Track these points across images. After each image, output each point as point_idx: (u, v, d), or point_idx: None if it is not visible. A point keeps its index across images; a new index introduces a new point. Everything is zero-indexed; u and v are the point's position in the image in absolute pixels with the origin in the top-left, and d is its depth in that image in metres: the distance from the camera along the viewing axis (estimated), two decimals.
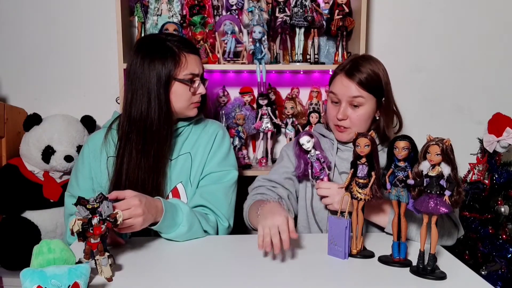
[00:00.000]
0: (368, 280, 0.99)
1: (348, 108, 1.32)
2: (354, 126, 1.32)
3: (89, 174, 1.35)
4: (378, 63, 1.36)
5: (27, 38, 2.04)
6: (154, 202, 1.15)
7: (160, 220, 1.14)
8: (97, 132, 1.45)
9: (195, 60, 1.33)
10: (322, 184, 1.28)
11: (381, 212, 1.24)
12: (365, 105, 1.31)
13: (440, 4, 2.08)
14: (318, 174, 1.28)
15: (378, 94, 1.33)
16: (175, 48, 1.30)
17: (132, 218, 1.06)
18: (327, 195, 1.26)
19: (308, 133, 1.29)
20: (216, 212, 1.32)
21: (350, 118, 1.32)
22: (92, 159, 1.36)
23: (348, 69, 1.32)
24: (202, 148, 1.38)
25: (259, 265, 1.05)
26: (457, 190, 0.94)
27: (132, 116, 1.28)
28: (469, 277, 1.00)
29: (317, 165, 1.28)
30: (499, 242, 1.70)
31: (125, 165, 1.28)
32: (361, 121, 1.33)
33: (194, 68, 1.32)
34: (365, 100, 1.31)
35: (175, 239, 1.21)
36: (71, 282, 0.77)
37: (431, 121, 2.12)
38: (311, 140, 1.27)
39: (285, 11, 1.83)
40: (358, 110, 1.32)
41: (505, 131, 1.70)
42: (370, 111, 1.33)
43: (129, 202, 1.07)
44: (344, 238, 1.07)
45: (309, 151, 1.28)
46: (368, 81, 1.30)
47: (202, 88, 1.35)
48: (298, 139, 1.28)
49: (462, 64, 2.11)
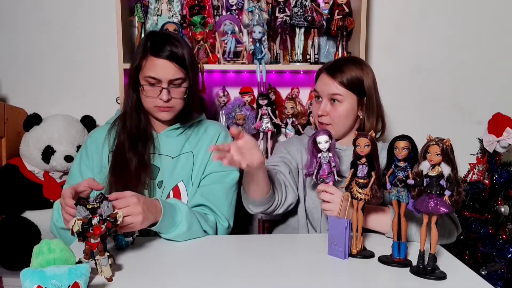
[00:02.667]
0: (368, 280, 0.99)
1: (328, 104, 1.36)
2: (334, 123, 1.36)
3: (91, 166, 1.37)
4: (363, 67, 1.38)
5: (27, 38, 2.04)
6: (153, 202, 1.15)
7: (159, 220, 1.14)
8: (99, 128, 1.48)
9: (160, 65, 1.29)
10: (327, 188, 1.23)
11: (381, 218, 1.22)
12: (344, 102, 1.35)
13: (440, 4, 2.08)
14: (325, 177, 1.23)
15: (358, 93, 1.36)
16: (147, 48, 1.31)
17: (131, 216, 1.05)
18: (329, 201, 1.22)
19: (328, 132, 1.21)
20: (216, 212, 1.32)
21: (330, 114, 1.36)
22: (94, 152, 1.38)
23: (331, 68, 1.37)
24: (204, 148, 1.39)
25: (259, 265, 1.05)
26: (457, 190, 0.94)
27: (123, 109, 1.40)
28: (469, 277, 1.00)
29: (327, 167, 1.22)
30: (499, 242, 1.70)
31: (119, 158, 1.32)
32: (341, 117, 1.36)
33: (156, 72, 1.29)
34: (344, 97, 1.34)
35: (175, 239, 1.21)
36: (71, 282, 0.77)
37: (431, 121, 2.13)
38: (329, 142, 1.20)
39: (285, 11, 1.83)
40: (337, 106, 1.35)
41: (505, 131, 1.70)
42: (350, 108, 1.36)
43: (127, 200, 1.06)
44: (344, 238, 1.07)
45: (322, 151, 1.22)
46: (349, 81, 1.34)
47: (165, 95, 1.29)
48: (316, 137, 1.21)
49: (462, 64, 2.11)
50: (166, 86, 1.30)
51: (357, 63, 1.39)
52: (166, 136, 1.39)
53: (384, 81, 2.09)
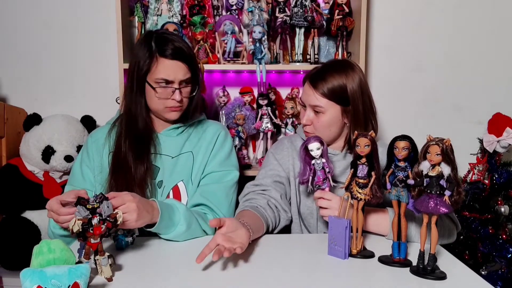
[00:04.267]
0: (368, 280, 0.99)
1: (311, 113, 1.34)
2: (318, 132, 1.33)
3: (92, 166, 1.37)
4: (348, 72, 1.31)
5: (27, 38, 2.04)
6: (149, 202, 1.15)
7: (157, 221, 1.14)
8: (100, 128, 1.47)
9: (171, 66, 1.29)
10: (324, 195, 1.22)
11: (380, 221, 1.22)
12: (326, 113, 1.31)
13: (440, 4, 2.08)
14: (321, 183, 1.22)
15: (342, 101, 1.31)
16: (154, 50, 1.29)
17: (126, 213, 1.05)
18: (326, 207, 1.22)
19: (318, 139, 1.21)
20: (216, 212, 1.32)
21: (313, 123, 1.34)
22: (95, 153, 1.38)
23: (313, 77, 1.33)
24: (204, 148, 1.39)
25: (259, 265, 1.05)
26: (457, 190, 0.94)
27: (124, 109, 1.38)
28: (469, 277, 1.00)
29: (321, 174, 1.21)
30: (499, 242, 1.70)
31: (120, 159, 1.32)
32: (324, 127, 1.33)
33: (168, 74, 1.29)
34: (325, 108, 1.31)
35: (174, 239, 1.21)
36: (71, 282, 0.77)
37: (431, 121, 2.13)
38: (321, 148, 1.20)
39: (285, 11, 1.83)
40: (320, 116, 1.33)
41: (505, 131, 1.70)
42: (332, 118, 1.32)
43: (123, 198, 1.07)
44: (344, 238, 1.07)
45: (315, 158, 1.22)
46: (330, 91, 1.29)
47: (177, 95, 1.30)
48: (307, 144, 1.21)
49: (462, 64, 2.11)
50: (178, 87, 1.30)
51: (341, 69, 1.32)
52: (166, 135, 1.39)
53: (384, 81, 2.11)
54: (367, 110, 1.33)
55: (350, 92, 1.30)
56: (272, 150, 1.47)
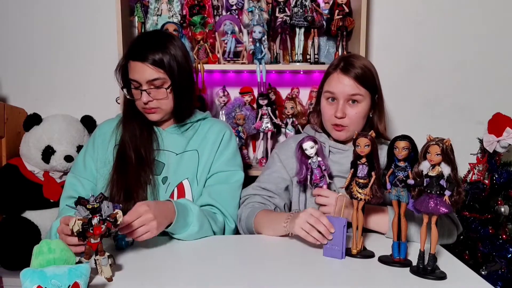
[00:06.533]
0: (368, 280, 0.99)
1: (346, 105, 1.32)
2: (352, 124, 1.32)
3: (96, 158, 1.37)
4: (367, 60, 1.39)
5: (27, 38, 2.04)
6: (165, 204, 1.16)
7: (173, 222, 1.15)
8: (110, 119, 1.48)
9: (137, 68, 1.28)
10: (321, 192, 1.24)
11: (380, 219, 1.22)
12: (362, 102, 1.32)
13: (440, 4, 2.08)
14: (318, 181, 1.25)
15: (373, 90, 1.34)
16: (127, 52, 1.33)
17: (145, 226, 1.06)
18: (325, 204, 1.24)
19: (312, 138, 1.25)
20: (223, 212, 1.33)
21: (348, 115, 1.31)
22: (100, 145, 1.38)
23: (343, 66, 1.32)
24: (209, 146, 1.39)
25: (260, 265, 1.05)
26: (457, 190, 0.94)
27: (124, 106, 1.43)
28: (469, 277, 1.00)
29: (318, 172, 1.24)
30: (499, 242, 1.70)
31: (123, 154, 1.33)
32: (359, 118, 1.33)
33: (133, 75, 1.30)
34: (363, 97, 1.31)
35: (185, 239, 1.22)
36: (71, 282, 0.77)
37: (431, 121, 2.12)
38: (315, 146, 1.23)
39: (285, 11, 1.83)
40: (356, 107, 1.32)
41: (505, 131, 1.70)
42: (367, 108, 1.34)
43: (137, 210, 1.06)
44: (341, 237, 1.07)
45: (311, 157, 1.24)
46: (364, 76, 1.30)
47: (144, 97, 1.29)
48: (301, 144, 1.24)
49: (462, 64, 2.11)
50: (144, 88, 1.30)
51: (360, 57, 1.38)
52: (170, 133, 1.40)
53: (384, 81, 2.09)
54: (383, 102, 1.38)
55: (376, 77, 1.34)
56: (277, 151, 1.47)
